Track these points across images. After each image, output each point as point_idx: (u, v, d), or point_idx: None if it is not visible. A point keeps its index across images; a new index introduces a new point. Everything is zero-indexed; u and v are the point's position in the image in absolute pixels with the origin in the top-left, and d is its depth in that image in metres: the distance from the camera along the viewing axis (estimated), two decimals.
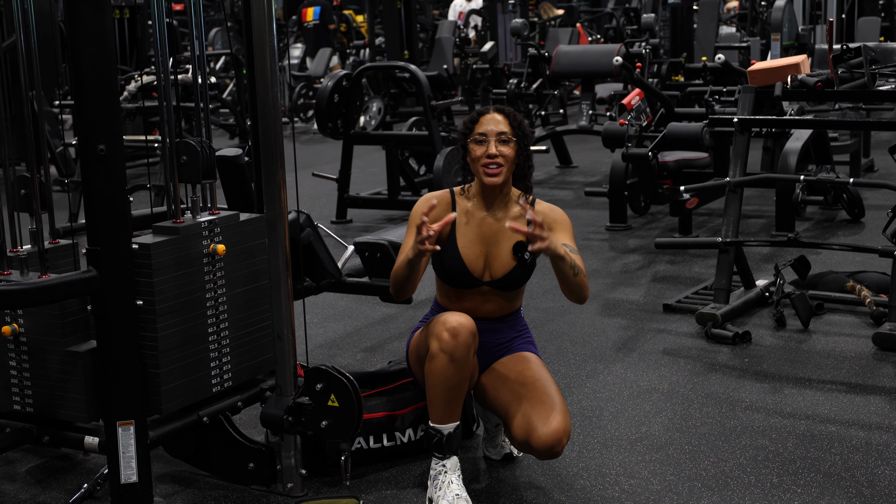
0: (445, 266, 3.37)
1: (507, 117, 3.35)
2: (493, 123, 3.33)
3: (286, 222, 3.25)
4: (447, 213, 3.36)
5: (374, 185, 9.12)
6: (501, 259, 3.36)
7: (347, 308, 5.66)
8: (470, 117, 3.40)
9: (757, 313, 5.33)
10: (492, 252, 3.37)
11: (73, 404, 3.18)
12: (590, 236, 7.30)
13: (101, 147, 2.96)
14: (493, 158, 3.30)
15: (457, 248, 3.35)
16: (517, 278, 3.39)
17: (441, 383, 3.15)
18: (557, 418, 3.16)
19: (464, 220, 3.39)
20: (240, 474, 3.42)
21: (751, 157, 5.95)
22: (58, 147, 9.42)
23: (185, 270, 3.22)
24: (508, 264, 3.36)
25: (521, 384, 3.29)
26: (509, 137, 3.33)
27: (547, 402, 3.21)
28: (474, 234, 3.37)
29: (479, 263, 3.36)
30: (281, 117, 3.24)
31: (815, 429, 3.87)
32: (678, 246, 6.36)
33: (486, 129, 3.33)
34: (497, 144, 3.31)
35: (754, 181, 5.98)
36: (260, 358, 3.53)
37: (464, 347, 3.14)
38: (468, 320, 3.18)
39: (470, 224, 3.38)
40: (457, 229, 3.37)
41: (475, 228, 3.38)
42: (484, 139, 3.32)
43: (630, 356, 4.76)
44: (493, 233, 3.38)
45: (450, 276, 3.38)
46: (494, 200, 3.40)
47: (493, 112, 3.37)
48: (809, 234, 7.01)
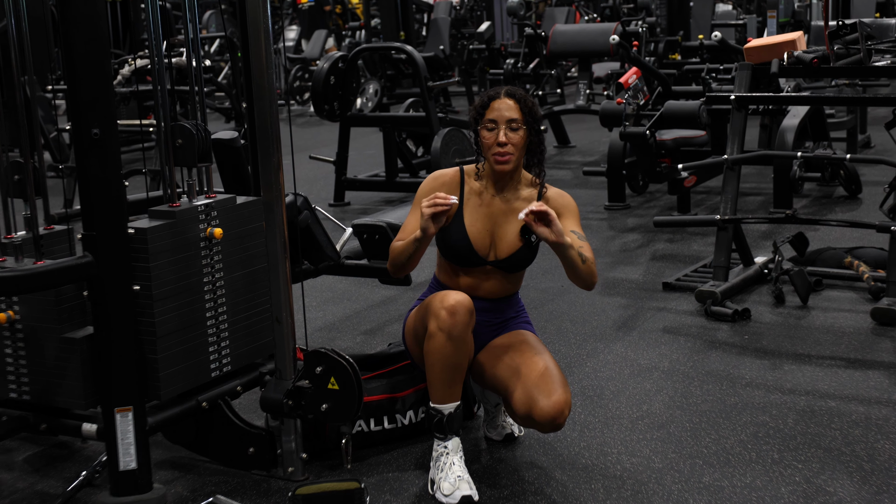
0: (451, 243, 3.36)
1: (517, 102, 3.30)
2: (503, 109, 3.29)
3: (283, 205, 3.22)
4: (454, 193, 3.37)
5: (371, 167, 9.09)
6: (507, 240, 3.35)
7: (346, 291, 5.64)
8: (481, 101, 3.35)
9: (756, 290, 5.31)
10: (498, 232, 3.35)
11: (70, 391, 3.16)
12: (588, 216, 7.28)
13: (96, 131, 2.93)
14: (503, 146, 3.27)
15: (463, 226, 3.34)
16: (521, 260, 3.38)
17: (440, 362, 3.13)
18: (558, 390, 3.15)
19: (473, 199, 3.37)
20: (240, 459, 3.40)
21: (748, 135, 5.93)
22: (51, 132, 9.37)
23: (182, 255, 3.20)
24: (514, 245, 3.35)
25: (520, 359, 3.28)
26: (519, 124, 3.28)
27: (546, 375, 3.19)
28: (482, 213, 3.36)
29: (486, 242, 3.35)
30: (277, 100, 3.21)
31: (814, 404, 3.85)
32: (677, 224, 6.34)
33: (497, 115, 3.29)
34: (507, 132, 3.27)
35: (752, 158, 5.95)
36: (259, 342, 3.50)
37: (462, 325, 3.12)
38: (466, 298, 3.16)
39: (479, 203, 3.37)
40: (464, 207, 3.36)
41: (484, 208, 3.37)
42: (494, 126, 3.29)
43: (630, 335, 4.74)
44: (501, 213, 3.37)
45: (454, 254, 3.36)
46: (505, 184, 3.38)
47: (504, 97, 3.31)
48: (807, 210, 7.00)
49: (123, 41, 9.99)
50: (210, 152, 3.38)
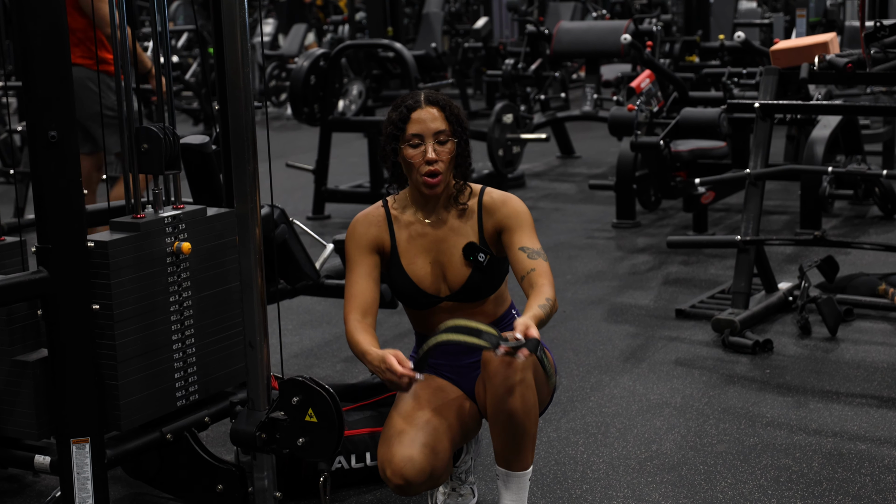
0: (397, 290, 3.31)
1: (442, 110, 3.19)
2: (428, 120, 3.17)
3: (258, 218, 3.26)
4: (384, 234, 3.28)
5: (354, 176, 9.14)
6: (454, 268, 3.26)
7: (326, 313, 5.67)
8: (398, 113, 3.21)
9: (779, 319, 5.36)
10: (443, 261, 3.27)
11: (21, 419, 3.18)
12: (594, 234, 7.33)
13: (53, 133, 2.96)
14: (433, 165, 3.16)
15: (402, 269, 3.27)
16: (480, 285, 3.27)
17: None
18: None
19: (405, 235, 3.29)
20: (207, 497, 3.43)
21: (773, 147, 5.99)
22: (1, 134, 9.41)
23: (147, 271, 3.23)
24: (464, 272, 3.25)
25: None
26: (448, 136, 3.19)
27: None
28: (418, 247, 3.28)
29: (430, 279, 3.27)
30: (252, 102, 3.25)
31: (843, 447, 3.90)
32: (692, 245, 6.38)
33: (421, 128, 3.17)
34: (435, 146, 3.17)
35: (777, 173, 6.01)
36: (229, 368, 3.53)
37: (418, 490, 3.07)
38: (416, 460, 3.01)
39: (411, 238, 3.29)
40: (398, 246, 3.28)
41: (418, 240, 3.28)
42: (419, 142, 3.17)
43: (639, 367, 4.78)
44: (438, 241, 3.28)
45: (404, 299, 3.33)
46: (436, 205, 3.28)
47: (426, 105, 3.19)
48: (837, 232, 7.05)
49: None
50: (178, 158, 3.41)
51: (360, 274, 3.25)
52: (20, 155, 8.23)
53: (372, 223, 3.29)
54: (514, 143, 8.57)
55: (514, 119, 8.56)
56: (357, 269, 3.25)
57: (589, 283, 6.13)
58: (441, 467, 3.06)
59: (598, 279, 6.22)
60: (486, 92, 13.70)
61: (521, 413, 3.00)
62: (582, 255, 6.76)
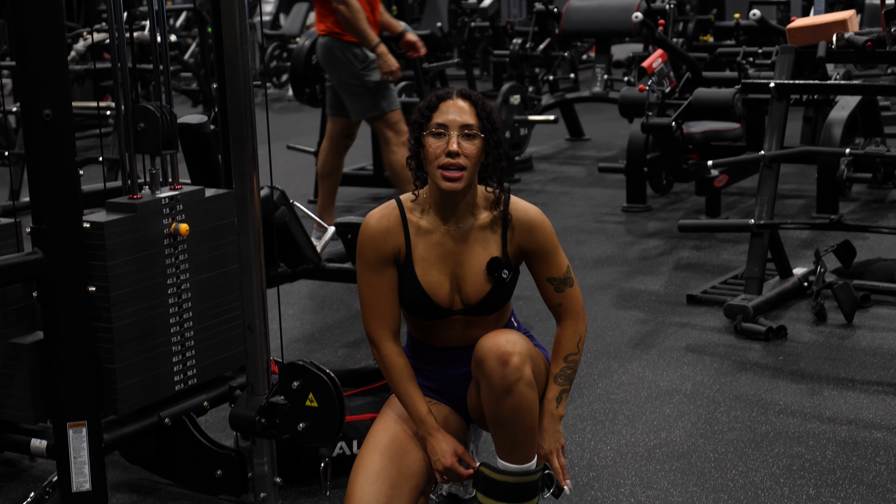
0: (406, 298, 3.17)
1: (473, 105, 3.07)
2: (455, 112, 3.04)
3: (258, 199, 3.28)
4: (400, 241, 3.13)
5: (357, 159, 9.14)
6: (473, 281, 3.14)
7: (328, 298, 5.70)
8: (426, 103, 3.10)
9: (794, 306, 5.38)
10: (460, 273, 3.14)
11: (17, 403, 3.21)
12: (604, 218, 7.35)
13: (48, 112, 2.98)
14: (454, 158, 3.01)
15: (416, 280, 3.13)
16: (496, 301, 3.18)
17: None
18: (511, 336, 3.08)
19: (421, 242, 3.14)
20: (206, 483, 3.47)
21: (789, 129, 5.99)
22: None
23: (144, 253, 3.26)
24: (483, 287, 3.14)
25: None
26: (475, 132, 3.04)
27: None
28: (435, 256, 3.14)
29: (445, 290, 3.15)
30: (252, 81, 3.27)
31: (857, 435, 3.92)
32: (705, 229, 6.39)
33: (448, 118, 3.04)
34: (460, 140, 3.03)
35: (793, 155, 6.02)
36: (228, 352, 3.57)
37: None
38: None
39: (428, 244, 3.14)
40: (413, 255, 3.14)
41: (435, 249, 3.14)
42: (443, 132, 3.03)
43: (649, 353, 4.81)
44: (457, 252, 3.14)
45: (413, 309, 3.19)
46: (456, 209, 3.13)
47: (457, 97, 3.08)
48: (855, 216, 7.06)
49: (78, 13, 10.07)
50: (176, 138, 3.43)
51: (382, 289, 3.14)
52: (15, 136, 8.27)
53: (389, 231, 3.14)
54: (521, 125, 8.58)
55: (522, 100, 8.57)
56: (379, 283, 3.14)
57: (598, 268, 6.15)
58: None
59: (607, 264, 6.24)
60: (493, 72, 13.68)
61: (521, 411, 3.02)
62: (591, 240, 6.79)
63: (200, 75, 11.28)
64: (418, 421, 3.12)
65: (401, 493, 3.07)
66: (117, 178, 6.19)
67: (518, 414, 3.02)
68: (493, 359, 2.98)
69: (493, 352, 2.99)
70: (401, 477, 3.09)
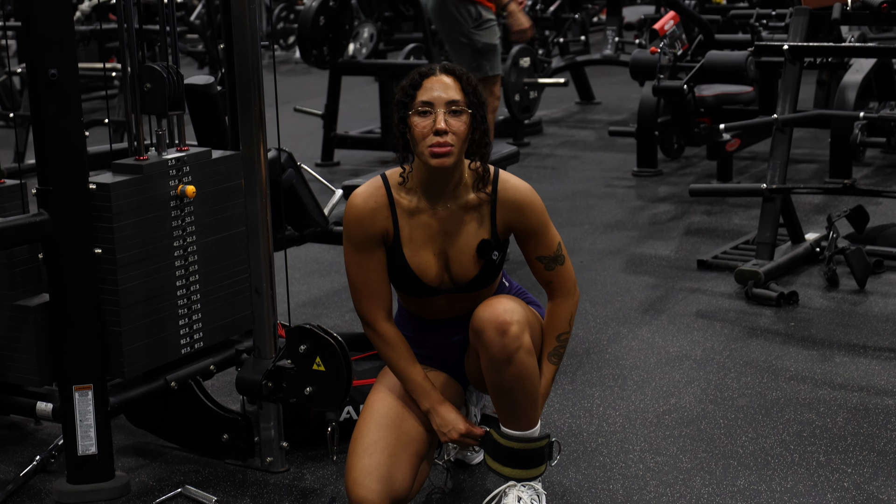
0: (394, 278, 3.17)
1: (458, 80, 3.03)
2: (440, 89, 3.00)
3: (265, 161, 3.28)
4: (388, 222, 3.10)
5: (364, 122, 9.13)
6: (462, 261, 3.13)
7: (335, 262, 5.71)
8: (409, 80, 3.05)
9: (806, 271, 5.37)
10: (449, 254, 3.13)
11: (22, 365, 3.23)
12: (614, 183, 7.34)
13: (53, 72, 2.99)
14: (442, 136, 2.97)
15: (404, 260, 3.12)
16: (486, 280, 3.17)
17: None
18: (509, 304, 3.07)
19: (408, 223, 3.12)
20: (212, 447, 3.48)
21: (802, 93, 5.96)
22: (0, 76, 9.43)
23: (150, 215, 3.26)
24: (472, 268, 3.13)
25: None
26: (462, 108, 3.00)
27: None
28: (422, 236, 3.12)
29: (433, 271, 3.14)
30: (259, 43, 3.25)
31: (868, 402, 3.92)
32: (716, 193, 6.38)
33: (433, 96, 2.99)
34: (447, 117, 2.98)
35: (806, 119, 5.99)
36: (235, 316, 3.57)
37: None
38: (371, 500, 3.02)
39: (416, 225, 3.12)
40: (401, 236, 3.12)
41: (423, 229, 3.12)
42: (429, 110, 2.99)
43: (658, 319, 4.81)
44: (445, 233, 3.12)
45: (401, 286, 3.20)
46: (445, 188, 3.10)
47: (441, 73, 3.04)
48: (868, 181, 7.04)
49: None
50: (182, 99, 3.43)
51: (372, 269, 3.13)
52: (20, 98, 8.26)
53: (376, 212, 3.10)
54: (531, 88, 8.55)
55: (532, 63, 8.54)
56: (368, 262, 3.13)
57: (608, 233, 6.14)
58: (401, 493, 3.07)
59: (617, 229, 6.23)
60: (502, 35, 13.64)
61: (523, 379, 3.03)
62: (601, 205, 6.77)
63: (207, 36, 11.25)
64: (422, 396, 3.14)
65: (401, 461, 3.09)
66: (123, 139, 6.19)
67: (519, 382, 3.03)
68: (492, 329, 2.99)
69: (491, 322, 3.00)
70: (399, 444, 3.11)
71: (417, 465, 3.15)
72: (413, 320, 3.29)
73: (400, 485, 3.07)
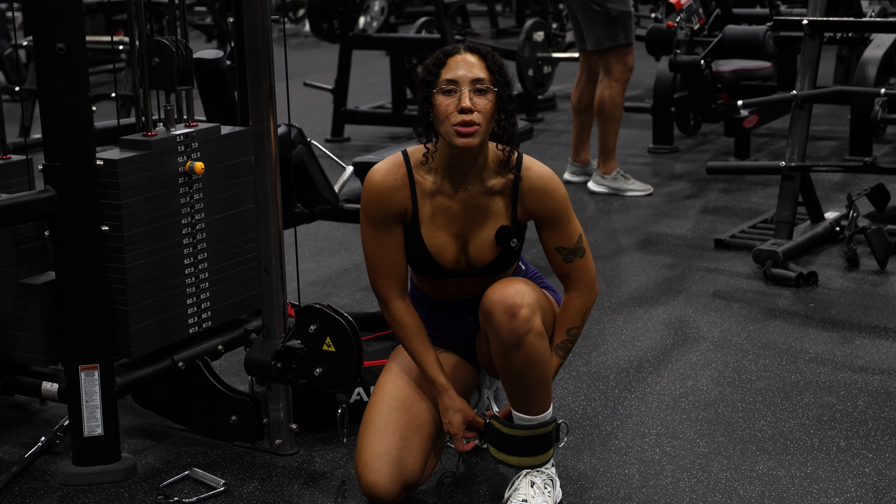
0: (410, 258, 3.16)
1: (483, 59, 3.01)
2: (465, 67, 2.98)
3: (275, 137, 3.26)
4: (407, 201, 3.08)
5: (375, 97, 9.12)
6: (480, 245, 3.12)
7: (345, 240, 5.69)
8: (433, 59, 3.03)
9: (825, 251, 5.35)
10: (467, 238, 3.12)
11: (28, 345, 3.22)
12: (629, 160, 7.31)
13: (60, 46, 2.97)
14: (468, 115, 2.94)
15: (422, 241, 3.11)
16: (503, 265, 3.16)
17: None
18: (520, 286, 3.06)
19: (428, 204, 3.10)
20: (220, 428, 3.47)
21: (822, 68, 5.92)
22: (6, 49, 9.41)
23: (158, 191, 3.25)
24: (489, 253, 3.12)
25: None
26: (487, 86, 2.98)
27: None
28: (442, 219, 3.11)
29: (451, 253, 3.13)
30: (269, 16, 3.23)
31: (890, 385, 3.90)
32: (733, 171, 6.35)
33: (457, 74, 2.97)
34: (472, 95, 2.96)
35: (825, 95, 5.96)
36: (244, 295, 3.56)
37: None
38: (382, 484, 3.04)
39: (435, 206, 3.11)
40: (420, 217, 3.10)
41: (442, 211, 3.11)
42: (454, 88, 2.97)
43: (675, 299, 4.79)
44: (465, 216, 3.11)
45: (417, 267, 3.19)
46: (468, 170, 3.07)
47: (465, 52, 3.01)
48: (889, 158, 7.01)
49: None
50: (191, 74, 3.42)
51: (389, 246, 3.11)
52: (26, 71, 8.24)
53: (395, 188, 3.08)
54: (545, 62, 8.51)
55: (546, 37, 8.49)
56: (385, 240, 3.11)
57: (622, 211, 6.12)
58: (412, 477, 3.08)
59: (632, 207, 6.21)
60: (515, 8, 13.58)
61: (533, 363, 3.01)
62: None
63: (215, 9, 11.23)
64: (429, 380, 3.14)
65: (412, 444, 3.09)
66: (131, 114, 6.18)
67: (530, 366, 3.01)
68: (501, 312, 2.96)
69: (500, 304, 2.97)
70: (410, 427, 3.11)
71: (429, 448, 3.15)
72: (427, 301, 3.27)
73: (411, 469, 3.07)
